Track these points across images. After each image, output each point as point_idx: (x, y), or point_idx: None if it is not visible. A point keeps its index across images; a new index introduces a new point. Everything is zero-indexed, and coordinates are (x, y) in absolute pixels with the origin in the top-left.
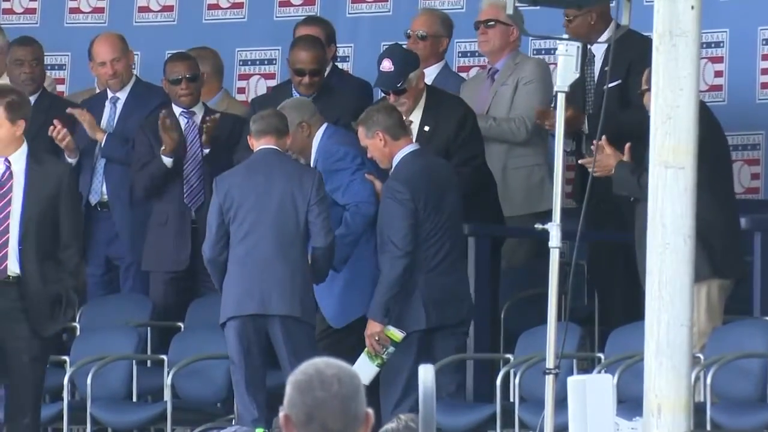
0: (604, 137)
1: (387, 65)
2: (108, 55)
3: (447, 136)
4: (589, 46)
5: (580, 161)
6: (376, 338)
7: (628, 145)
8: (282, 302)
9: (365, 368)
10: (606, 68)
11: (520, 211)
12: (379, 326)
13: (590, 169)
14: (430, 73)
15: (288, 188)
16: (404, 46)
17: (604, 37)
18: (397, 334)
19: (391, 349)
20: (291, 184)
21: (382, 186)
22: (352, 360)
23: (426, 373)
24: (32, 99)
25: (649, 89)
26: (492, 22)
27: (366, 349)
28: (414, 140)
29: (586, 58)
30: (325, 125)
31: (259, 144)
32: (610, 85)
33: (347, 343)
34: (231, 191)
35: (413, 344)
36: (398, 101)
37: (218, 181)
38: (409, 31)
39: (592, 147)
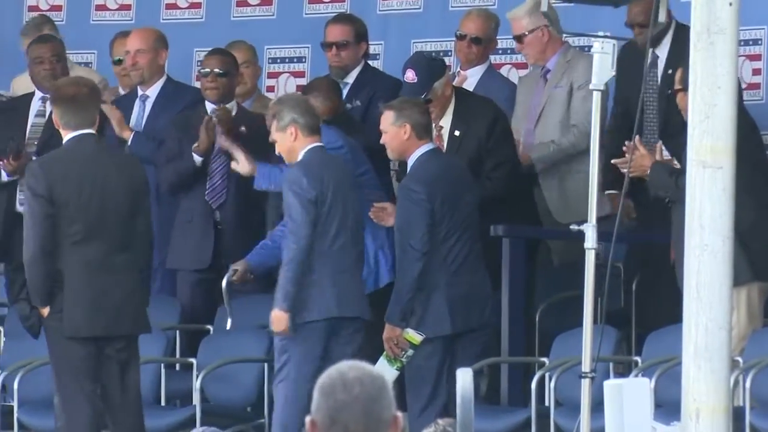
0: (637, 137)
1: (410, 76)
2: (133, 46)
3: (478, 139)
4: (653, 49)
5: (613, 161)
6: (395, 342)
7: (659, 143)
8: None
9: (384, 372)
10: (670, 71)
11: (576, 216)
12: (398, 330)
13: (624, 170)
14: (475, 74)
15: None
16: (431, 53)
17: (669, 38)
18: (415, 337)
19: (411, 352)
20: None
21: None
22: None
23: (464, 378)
24: None
25: (682, 89)
26: (519, 36)
27: (385, 353)
28: (445, 145)
29: (650, 60)
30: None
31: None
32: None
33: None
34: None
35: (438, 348)
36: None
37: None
38: (459, 32)
39: (624, 148)
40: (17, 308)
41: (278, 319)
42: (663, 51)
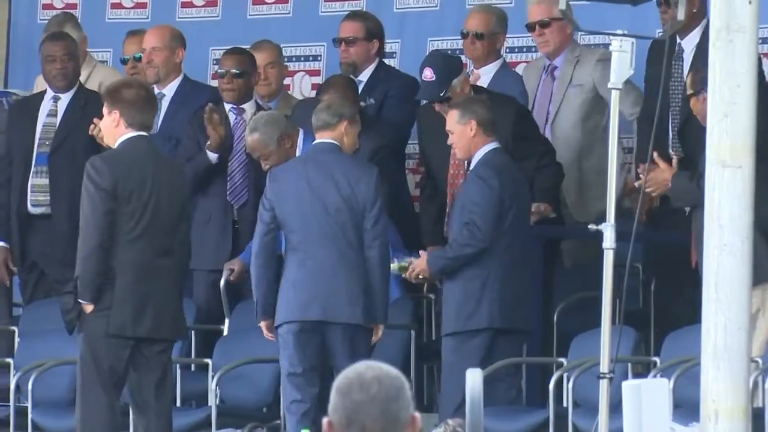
0: (655, 153)
1: (428, 74)
2: (149, 43)
3: (504, 137)
4: (679, 40)
5: (635, 184)
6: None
7: (675, 159)
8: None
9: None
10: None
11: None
12: (430, 279)
13: (646, 190)
14: (488, 72)
15: (345, 187)
16: (448, 50)
17: (696, 32)
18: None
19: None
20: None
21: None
22: None
23: (473, 378)
24: (68, 95)
25: (694, 93)
26: (546, 21)
27: (399, 264)
28: None
29: (674, 53)
30: (301, 131)
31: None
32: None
33: None
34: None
35: (480, 346)
36: (444, 108)
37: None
38: (464, 30)
39: (639, 171)
40: (61, 301)
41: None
42: (690, 43)
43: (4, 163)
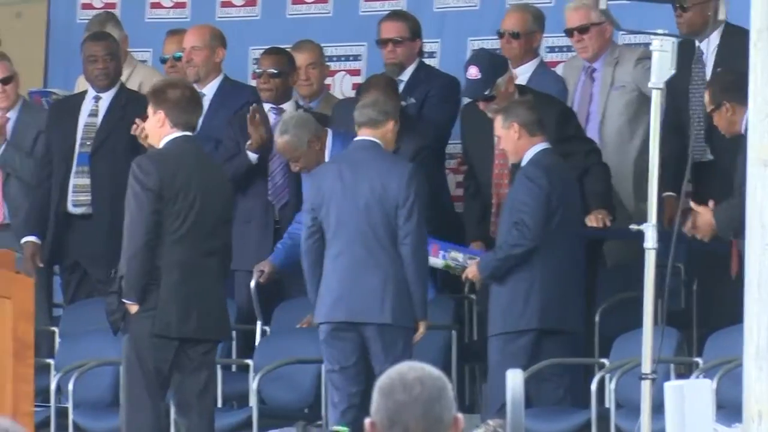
0: (692, 203)
1: (473, 72)
2: (189, 42)
3: (548, 136)
4: (698, 43)
5: (685, 230)
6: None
7: (711, 203)
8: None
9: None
10: (719, 69)
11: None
12: (479, 279)
13: (697, 237)
14: (525, 71)
15: (378, 185)
16: (491, 50)
17: (716, 35)
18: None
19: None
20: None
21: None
22: None
23: (514, 379)
24: (109, 95)
25: (716, 108)
26: (585, 26)
27: (446, 262)
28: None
29: (694, 56)
30: (330, 132)
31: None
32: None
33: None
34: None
35: (526, 346)
36: (488, 107)
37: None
38: (500, 29)
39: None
40: (106, 301)
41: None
42: (710, 46)
43: (44, 162)
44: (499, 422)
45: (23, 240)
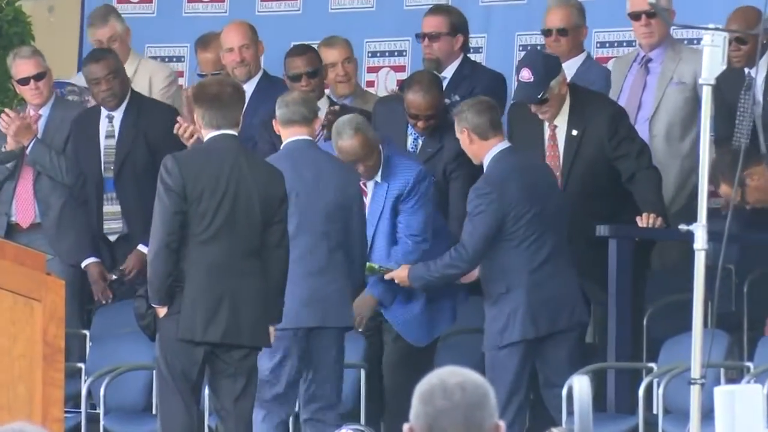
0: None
1: (526, 75)
2: (237, 41)
3: (599, 138)
4: (747, 69)
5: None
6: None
7: None
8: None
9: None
10: None
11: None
12: (405, 283)
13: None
14: (572, 66)
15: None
16: (543, 49)
17: (763, 62)
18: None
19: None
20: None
21: None
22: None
23: (581, 385)
24: (120, 111)
25: None
26: (652, 11)
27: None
28: (561, 146)
29: (744, 83)
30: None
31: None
32: None
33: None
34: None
35: (517, 352)
36: (540, 110)
37: None
38: (545, 27)
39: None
40: (134, 305)
41: None
42: (759, 74)
43: (79, 183)
44: (562, 429)
45: (84, 264)
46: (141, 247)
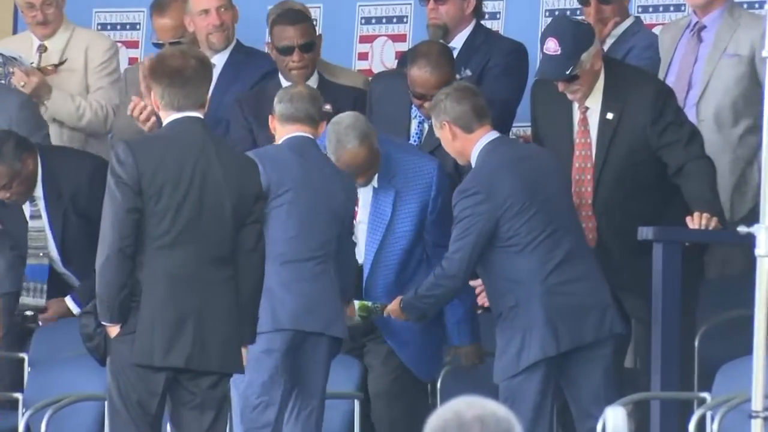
0: None
1: (552, 47)
2: (214, 1)
3: (640, 122)
4: None
5: None
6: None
7: None
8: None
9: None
10: None
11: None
12: (402, 317)
13: None
14: (615, 33)
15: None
16: (567, 12)
17: None
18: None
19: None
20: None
21: None
22: None
23: (615, 417)
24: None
25: None
26: None
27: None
28: (594, 131)
29: None
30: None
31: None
32: None
33: None
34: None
35: (537, 370)
36: (569, 88)
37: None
38: None
39: None
40: (80, 324)
41: None
42: None
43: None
44: None
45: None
46: (68, 300)
